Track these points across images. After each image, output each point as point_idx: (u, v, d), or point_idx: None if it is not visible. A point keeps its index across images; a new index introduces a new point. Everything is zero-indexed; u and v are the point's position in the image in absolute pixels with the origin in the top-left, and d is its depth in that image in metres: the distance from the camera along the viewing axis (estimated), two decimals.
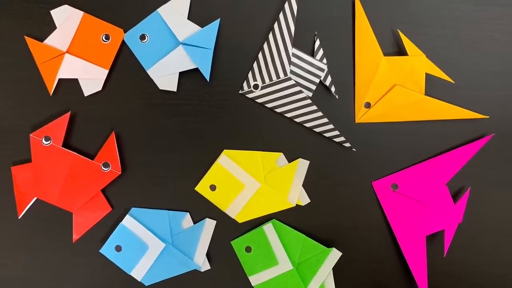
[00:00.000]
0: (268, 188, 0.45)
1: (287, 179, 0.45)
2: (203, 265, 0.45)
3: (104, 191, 0.44)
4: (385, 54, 0.45)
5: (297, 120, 0.44)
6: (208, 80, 0.43)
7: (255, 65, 0.44)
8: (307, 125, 0.44)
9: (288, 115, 0.44)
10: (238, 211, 0.45)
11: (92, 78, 0.44)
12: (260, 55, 0.44)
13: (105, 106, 0.44)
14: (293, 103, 0.44)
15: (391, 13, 0.45)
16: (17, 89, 0.44)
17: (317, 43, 0.45)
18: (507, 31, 0.46)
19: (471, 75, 0.46)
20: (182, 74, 0.44)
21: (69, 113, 0.43)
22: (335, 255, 0.44)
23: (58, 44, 0.43)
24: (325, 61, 0.45)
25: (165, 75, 0.44)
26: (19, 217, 0.44)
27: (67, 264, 0.45)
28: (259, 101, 0.45)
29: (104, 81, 0.44)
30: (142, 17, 0.44)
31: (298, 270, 0.44)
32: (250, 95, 0.45)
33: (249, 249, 0.45)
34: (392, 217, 0.45)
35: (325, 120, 0.44)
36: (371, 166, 0.46)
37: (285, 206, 0.45)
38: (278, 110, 0.44)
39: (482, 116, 0.45)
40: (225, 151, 0.45)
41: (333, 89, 0.45)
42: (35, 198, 0.44)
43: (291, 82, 0.44)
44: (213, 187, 0.45)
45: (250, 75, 0.45)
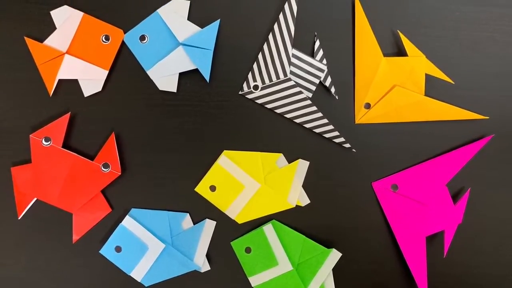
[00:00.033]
0: (268, 189, 0.45)
1: (287, 179, 0.45)
2: (203, 265, 0.45)
3: (104, 191, 0.44)
4: (385, 54, 0.45)
5: (297, 120, 0.44)
6: (208, 81, 0.43)
7: (255, 65, 0.44)
8: (307, 125, 0.44)
9: (288, 115, 0.44)
10: (238, 212, 0.45)
11: (92, 79, 0.44)
12: (260, 56, 0.44)
13: (105, 106, 0.44)
14: (293, 103, 0.44)
15: (391, 14, 0.45)
16: (17, 89, 0.44)
17: (317, 43, 0.45)
18: (507, 32, 0.46)
19: (471, 76, 0.46)
20: (182, 75, 0.44)
21: (69, 114, 0.43)
22: (335, 256, 0.44)
23: (58, 45, 0.43)
24: (325, 61, 0.45)
25: (165, 75, 0.44)
26: (19, 218, 0.44)
27: (67, 265, 0.45)
28: (259, 101, 0.45)
29: (104, 81, 0.44)
30: (142, 17, 0.44)
31: (298, 270, 0.44)
32: (250, 96, 0.45)
33: (249, 250, 0.45)
34: (392, 218, 0.45)
35: (325, 120, 0.44)
36: (371, 167, 0.46)
37: (285, 206, 0.45)
38: (278, 111, 0.44)
39: (482, 117, 0.45)
40: (225, 152, 0.45)
41: (333, 89, 0.45)
42: (35, 199, 0.44)
43: (291, 83, 0.44)
44: (213, 188, 0.45)
45: (250, 75, 0.45)
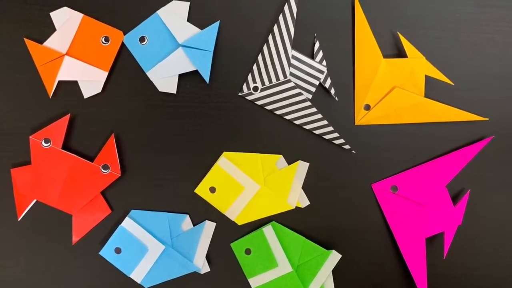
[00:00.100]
0: (268, 190, 0.45)
1: (286, 181, 0.45)
2: (203, 267, 0.45)
3: (103, 193, 0.44)
4: (385, 56, 0.45)
5: (297, 122, 0.44)
6: (207, 82, 0.43)
7: (254, 67, 0.44)
8: (307, 127, 0.44)
9: (288, 117, 0.44)
10: (238, 213, 0.45)
11: (91, 80, 0.44)
12: (260, 57, 0.44)
13: (105, 108, 0.44)
14: (292, 105, 0.44)
15: (391, 15, 0.45)
16: (16, 91, 0.44)
17: (317, 45, 0.45)
18: (507, 33, 0.46)
19: (471, 77, 0.46)
20: (181, 76, 0.44)
21: (68, 115, 0.43)
22: (334, 257, 0.44)
23: (58, 46, 0.43)
24: (324, 63, 0.45)
25: (164, 77, 0.44)
26: (19, 219, 0.44)
27: (67, 266, 0.45)
28: (258, 103, 0.45)
29: (103, 83, 0.44)
30: (142, 19, 0.44)
31: (298, 272, 0.44)
32: (249, 97, 0.45)
33: (249, 251, 0.45)
34: (392, 219, 0.45)
35: (325, 122, 0.44)
36: (370, 168, 0.46)
37: (284, 208, 0.45)
38: (278, 112, 0.44)
39: (482, 118, 0.45)
40: (224, 153, 0.45)
41: (332, 91, 0.45)
42: (35, 200, 0.44)
43: (291, 84, 0.44)
44: (212, 189, 0.45)
45: (249, 77, 0.45)
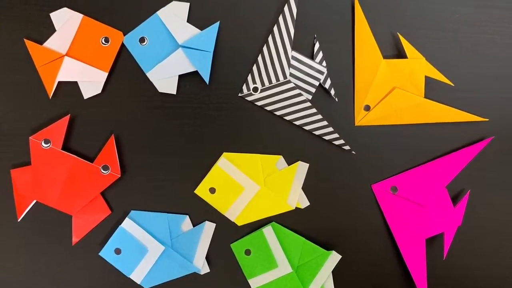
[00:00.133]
0: (268, 191, 0.45)
1: (286, 182, 0.45)
2: (203, 268, 0.45)
3: (103, 194, 0.44)
4: (385, 57, 0.45)
5: (297, 123, 0.44)
6: (207, 83, 0.43)
7: (254, 68, 0.44)
8: (307, 128, 0.44)
9: (288, 118, 0.44)
10: (238, 214, 0.45)
11: (91, 81, 0.44)
12: (260, 58, 0.44)
13: (105, 109, 0.44)
14: (292, 106, 0.44)
15: (391, 16, 0.45)
16: (16, 92, 0.44)
17: (317, 46, 0.45)
18: (506, 34, 0.46)
19: (471, 78, 0.46)
20: (181, 77, 0.44)
21: (68, 116, 0.43)
22: (334, 258, 0.44)
23: (58, 47, 0.43)
24: (324, 64, 0.45)
25: (164, 78, 0.44)
26: (19, 220, 0.44)
27: (67, 267, 0.45)
28: (258, 104, 0.44)
29: (103, 84, 0.44)
30: (142, 20, 0.44)
31: (298, 273, 0.44)
32: (249, 98, 0.45)
33: (249, 252, 0.45)
34: (392, 220, 0.45)
35: (325, 123, 0.44)
36: (370, 169, 0.45)
37: (284, 209, 0.45)
38: (278, 113, 0.44)
39: (481, 119, 0.45)
40: (224, 154, 0.45)
41: (332, 92, 0.45)
42: (35, 201, 0.44)
43: (291, 85, 0.44)
44: (212, 190, 0.45)
45: (249, 78, 0.45)
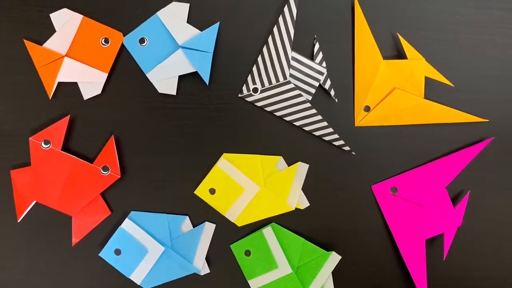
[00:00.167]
0: (268, 191, 0.45)
1: (286, 182, 0.45)
2: (203, 268, 0.45)
3: (103, 194, 0.44)
4: (385, 57, 0.45)
5: (297, 123, 0.44)
6: (207, 84, 0.43)
7: (254, 68, 0.44)
8: (307, 128, 0.44)
9: (288, 118, 0.44)
10: (238, 215, 0.45)
11: (91, 82, 0.44)
12: (260, 59, 0.44)
13: (105, 109, 0.44)
14: (292, 106, 0.44)
15: (391, 16, 0.45)
16: (16, 92, 0.44)
17: (317, 46, 0.45)
18: (506, 35, 0.46)
19: (471, 79, 0.46)
20: (181, 78, 0.44)
21: (68, 117, 0.43)
22: (334, 258, 0.44)
23: (58, 48, 0.43)
24: (324, 64, 0.45)
25: (164, 78, 0.44)
26: (19, 221, 0.44)
27: (67, 268, 0.45)
28: (258, 104, 0.44)
29: (103, 84, 0.44)
30: (142, 20, 0.44)
31: (298, 273, 0.44)
32: (249, 99, 0.45)
33: (249, 253, 0.45)
34: (392, 220, 0.45)
35: (325, 123, 0.44)
36: (370, 170, 0.45)
37: (284, 209, 0.45)
38: (278, 114, 0.44)
39: (481, 120, 0.45)
40: (224, 154, 0.45)
41: (332, 92, 0.45)
42: (35, 202, 0.44)
43: (291, 86, 0.44)
44: (212, 191, 0.45)
45: (249, 78, 0.45)
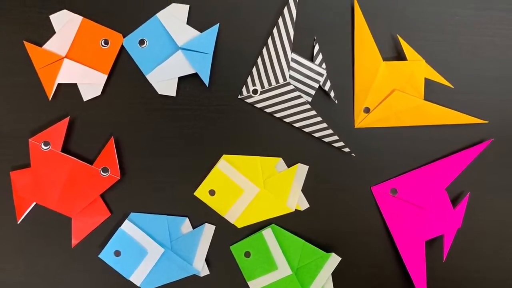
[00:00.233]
0: (267, 193, 0.45)
1: (286, 184, 0.45)
2: (202, 270, 0.45)
3: (103, 196, 0.44)
4: (384, 59, 0.45)
5: (296, 125, 0.44)
6: (207, 85, 0.43)
7: (254, 70, 0.44)
8: (306, 130, 0.44)
9: (287, 120, 0.44)
10: (237, 216, 0.45)
11: (91, 83, 0.44)
12: (259, 60, 0.44)
13: (104, 111, 0.44)
14: (292, 108, 0.44)
15: (391, 18, 0.45)
16: (16, 94, 0.44)
17: (316, 48, 0.45)
18: (506, 36, 0.46)
19: (471, 80, 0.46)
20: (181, 79, 0.44)
21: (68, 118, 0.43)
22: (334, 260, 0.44)
23: (57, 49, 0.43)
24: (324, 66, 0.45)
25: (164, 80, 0.44)
26: (18, 222, 0.44)
27: (66, 269, 0.45)
28: (258, 106, 0.44)
29: (103, 86, 0.44)
30: (141, 22, 0.44)
31: (297, 275, 0.44)
32: (249, 100, 0.45)
33: (248, 254, 0.45)
34: (391, 222, 0.45)
35: (324, 125, 0.44)
36: (370, 171, 0.45)
37: (284, 211, 0.45)
38: (277, 115, 0.44)
39: (481, 121, 0.45)
40: (224, 156, 0.45)
41: (332, 94, 0.45)
42: (34, 203, 0.44)
43: (290, 87, 0.44)
44: (212, 192, 0.45)
45: (249, 80, 0.45)
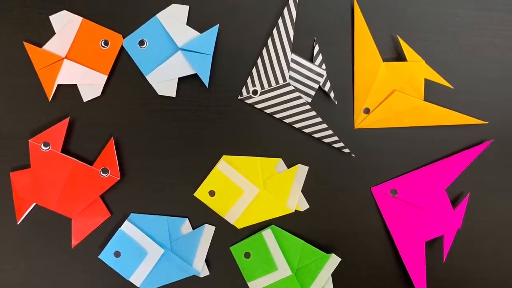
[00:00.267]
0: (267, 193, 0.45)
1: (286, 184, 0.45)
2: (202, 271, 0.45)
3: (103, 196, 0.44)
4: (384, 59, 0.45)
5: (296, 125, 0.44)
6: (207, 86, 0.43)
7: (254, 70, 0.44)
8: (306, 130, 0.44)
9: (287, 120, 0.44)
10: (237, 217, 0.45)
11: (91, 84, 0.44)
12: (259, 61, 0.44)
13: (104, 111, 0.44)
14: (292, 108, 0.44)
15: (390, 18, 0.45)
16: (16, 94, 0.44)
17: (316, 48, 0.45)
18: (506, 37, 0.46)
19: (471, 81, 0.46)
20: (181, 80, 0.44)
21: (68, 119, 0.43)
22: (334, 260, 0.44)
23: (57, 50, 0.43)
24: (324, 66, 0.45)
25: (164, 80, 0.44)
26: (18, 223, 0.44)
27: (66, 270, 0.45)
28: (258, 106, 0.44)
29: (103, 86, 0.44)
30: (141, 22, 0.44)
31: (297, 276, 0.44)
32: (249, 101, 0.45)
33: (248, 255, 0.45)
34: (391, 222, 0.45)
35: (324, 125, 0.44)
36: (370, 172, 0.45)
37: (284, 211, 0.45)
38: (277, 116, 0.44)
39: (481, 122, 0.45)
40: (224, 156, 0.45)
41: (332, 94, 0.45)
42: (34, 204, 0.44)
43: (290, 88, 0.44)
44: (212, 193, 0.45)
45: (249, 80, 0.45)
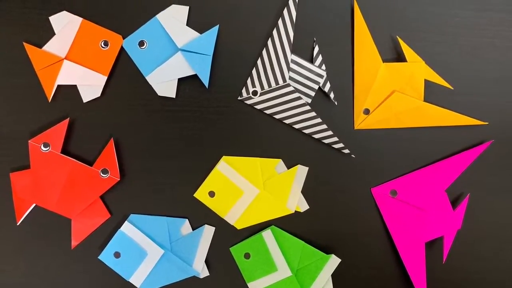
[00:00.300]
0: (267, 194, 0.45)
1: (286, 185, 0.45)
2: (202, 271, 0.45)
3: (102, 197, 0.44)
4: (384, 60, 0.45)
5: (296, 126, 0.44)
6: (207, 87, 0.43)
7: (254, 71, 0.44)
8: (306, 131, 0.44)
9: (287, 121, 0.44)
10: (237, 218, 0.45)
11: (90, 85, 0.44)
12: (259, 62, 0.44)
13: (104, 112, 0.44)
14: (292, 109, 0.44)
15: (390, 19, 0.45)
16: (16, 95, 0.44)
17: (316, 49, 0.45)
18: (506, 37, 0.46)
19: (471, 81, 0.46)
20: (181, 81, 0.44)
21: (67, 120, 0.43)
22: (334, 261, 0.44)
23: (57, 51, 0.43)
24: (324, 67, 0.45)
25: (164, 81, 0.44)
26: (18, 224, 0.44)
27: (66, 271, 0.45)
28: (258, 107, 0.44)
29: (103, 87, 0.44)
30: (141, 23, 0.44)
31: (297, 276, 0.44)
32: (249, 102, 0.45)
33: (248, 256, 0.45)
34: (391, 223, 0.45)
35: (324, 126, 0.44)
36: (370, 173, 0.45)
37: (284, 212, 0.45)
38: (277, 117, 0.44)
39: (481, 123, 0.45)
40: (224, 157, 0.45)
41: (332, 95, 0.45)
42: (34, 205, 0.44)
43: (290, 89, 0.44)
44: (212, 194, 0.45)
45: (249, 81, 0.45)
